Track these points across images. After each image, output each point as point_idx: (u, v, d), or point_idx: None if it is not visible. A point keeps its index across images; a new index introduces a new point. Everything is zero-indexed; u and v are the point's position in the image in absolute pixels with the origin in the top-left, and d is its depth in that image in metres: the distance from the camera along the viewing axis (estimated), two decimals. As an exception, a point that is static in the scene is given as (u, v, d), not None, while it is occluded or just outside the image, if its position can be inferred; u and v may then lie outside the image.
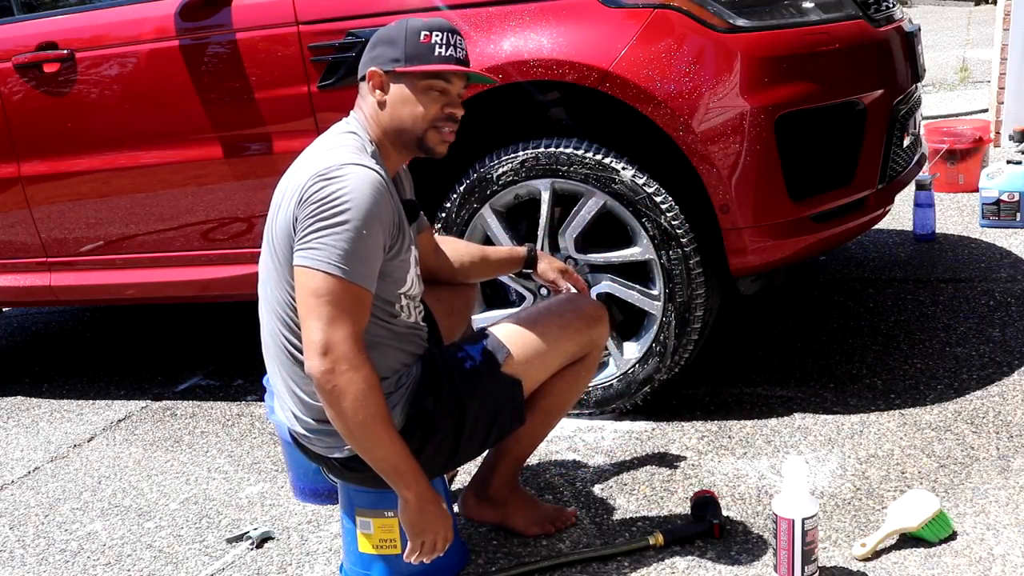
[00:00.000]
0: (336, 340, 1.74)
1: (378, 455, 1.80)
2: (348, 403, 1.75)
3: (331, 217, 1.75)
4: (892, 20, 2.82)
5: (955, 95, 7.39)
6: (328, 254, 1.75)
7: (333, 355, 1.74)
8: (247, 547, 2.32)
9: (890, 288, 3.52)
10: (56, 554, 2.40)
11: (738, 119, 2.41)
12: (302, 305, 1.78)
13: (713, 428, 2.63)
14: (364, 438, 1.78)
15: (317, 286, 1.75)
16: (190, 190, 2.98)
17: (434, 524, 1.85)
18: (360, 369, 1.75)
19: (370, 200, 1.77)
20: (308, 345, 1.76)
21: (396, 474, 1.81)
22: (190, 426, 3.09)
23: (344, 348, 1.74)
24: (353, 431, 1.78)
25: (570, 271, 2.29)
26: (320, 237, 1.76)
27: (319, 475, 2.36)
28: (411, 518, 1.84)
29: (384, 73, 1.89)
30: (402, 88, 1.89)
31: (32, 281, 3.31)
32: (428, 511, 1.84)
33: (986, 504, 2.15)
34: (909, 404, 2.65)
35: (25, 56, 3.05)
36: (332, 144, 1.89)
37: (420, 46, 1.87)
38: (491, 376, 1.97)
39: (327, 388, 1.75)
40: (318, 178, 1.78)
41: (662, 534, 2.10)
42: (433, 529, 1.85)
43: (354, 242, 1.76)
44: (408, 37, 1.88)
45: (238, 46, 2.80)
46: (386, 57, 1.89)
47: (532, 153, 2.59)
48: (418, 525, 1.84)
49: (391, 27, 1.91)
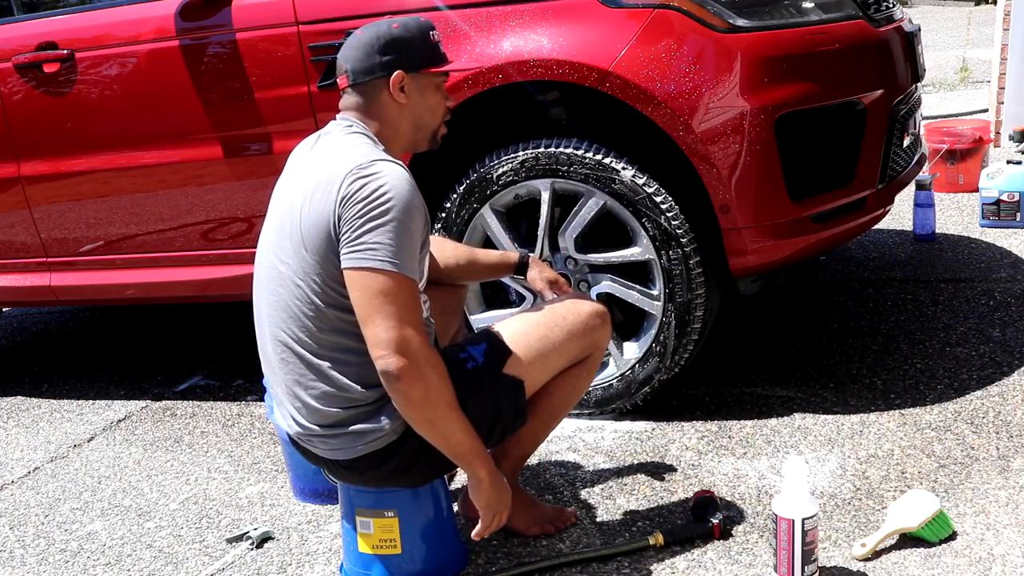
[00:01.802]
0: (408, 336, 1.78)
1: (455, 439, 1.86)
2: (423, 395, 1.80)
3: (381, 215, 1.78)
4: (892, 20, 2.82)
5: (955, 95, 7.39)
6: (384, 252, 1.78)
7: (405, 351, 1.77)
8: (247, 547, 2.32)
9: (890, 288, 3.52)
10: (56, 554, 2.40)
11: (738, 119, 2.41)
12: (364, 305, 1.79)
13: (713, 428, 2.63)
14: (440, 425, 1.84)
15: (379, 285, 1.78)
16: (190, 190, 2.98)
17: (505, 498, 1.95)
18: (432, 361, 1.81)
19: (410, 194, 1.82)
20: (378, 344, 1.78)
21: (471, 454, 1.88)
22: (190, 426, 3.09)
23: (417, 343, 1.79)
24: (433, 421, 1.83)
25: (561, 282, 2.27)
26: (374, 236, 1.78)
27: (319, 475, 2.36)
28: (487, 495, 1.92)
29: (407, 75, 1.94)
30: (422, 89, 1.97)
31: (32, 281, 3.31)
32: (500, 487, 1.93)
33: (986, 504, 2.15)
34: (909, 404, 2.65)
35: (25, 56, 3.05)
36: (352, 143, 1.91)
37: (432, 46, 1.97)
38: (493, 377, 1.97)
39: (401, 384, 1.78)
40: (355, 176, 1.80)
41: (662, 534, 2.10)
42: (505, 503, 1.95)
43: (405, 237, 1.80)
44: (422, 39, 1.96)
45: (238, 46, 2.80)
46: (409, 59, 1.93)
47: (532, 153, 2.59)
48: (493, 501, 1.93)
49: (394, 30, 1.94)
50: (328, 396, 1.88)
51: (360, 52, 1.94)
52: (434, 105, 2.00)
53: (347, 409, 1.89)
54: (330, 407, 1.89)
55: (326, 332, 1.87)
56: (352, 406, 1.88)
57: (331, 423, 1.90)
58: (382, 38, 1.93)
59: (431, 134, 2.03)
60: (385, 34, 1.93)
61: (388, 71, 1.92)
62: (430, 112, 2.00)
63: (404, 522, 2.02)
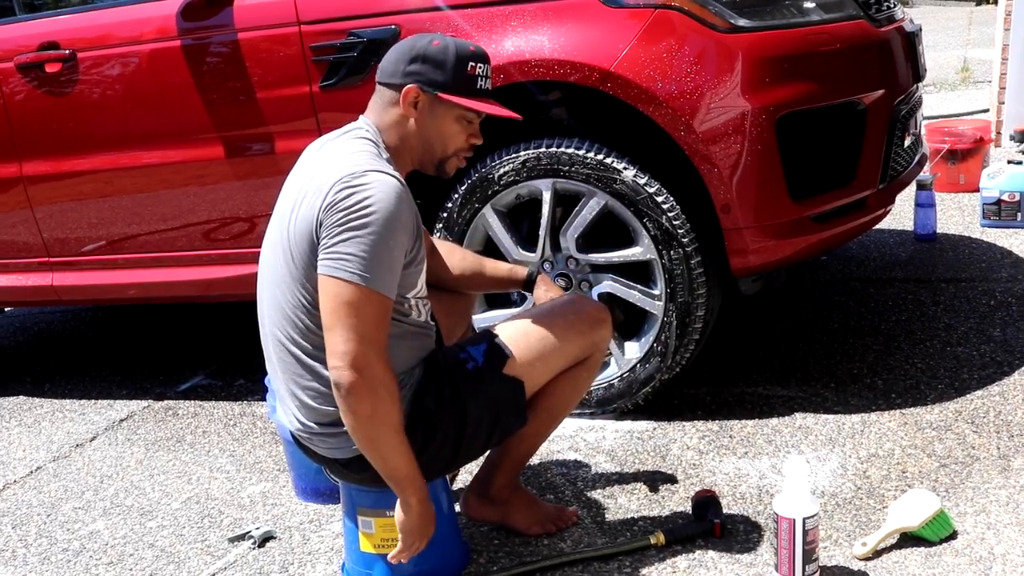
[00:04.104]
0: (363, 352, 1.75)
1: (393, 463, 1.83)
2: (369, 413, 1.77)
3: (360, 227, 1.75)
4: (893, 20, 2.82)
5: (956, 95, 7.39)
6: (356, 264, 1.75)
7: (360, 367, 1.75)
8: (249, 546, 2.32)
9: (891, 288, 3.52)
10: (58, 553, 2.41)
11: (739, 119, 2.42)
12: (329, 314, 1.77)
13: (714, 428, 2.63)
14: (381, 446, 1.82)
15: (346, 296, 1.76)
16: (192, 190, 2.98)
17: (428, 529, 1.90)
18: (385, 382, 1.78)
19: (395, 208, 1.78)
20: (335, 355, 1.76)
21: (405, 481, 1.84)
22: (192, 426, 3.10)
23: (371, 360, 1.76)
24: (372, 439, 1.81)
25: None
26: (348, 246, 1.75)
27: (321, 474, 2.36)
28: (412, 522, 1.87)
29: (423, 93, 1.90)
30: (437, 112, 1.92)
31: (34, 281, 3.31)
32: (427, 516, 1.89)
33: (987, 503, 2.15)
34: (910, 404, 2.65)
35: (27, 56, 3.05)
36: (351, 148, 1.89)
37: (466, 77, 1.91)
38: (493, 377, 1.97)
39: (350, 398, 1.76)
40: (344, 185, 1.78)
41: (663, 533, 2.10)
42: (427, 533, 1.91)
43: (381, 251, 1.76)
44: (456, 64, 1.89)
45: (240, 46, 2.80)
46: (430, 78, 1.89)
47: (533, 153, 2.60)
48: (417, 529, 1.88)
49: (433, 47, 1.90)
50: (324, 395, 1.89)
51: (394, 55, 1.94)
52: (448, 134, 1.94)
53: None
54: (326, 406, 1.89)
55: (317, 333, 1.87)
56: None
57: (328, 421, 1.90)
58: (416, 49, 1.91)
59: (438, 161, 1.98)
60: (422, 47, 1.91)
61: (406, 81, 1.90)
62: (440, 139, 1.94)
63: (406, 521, 2.02)
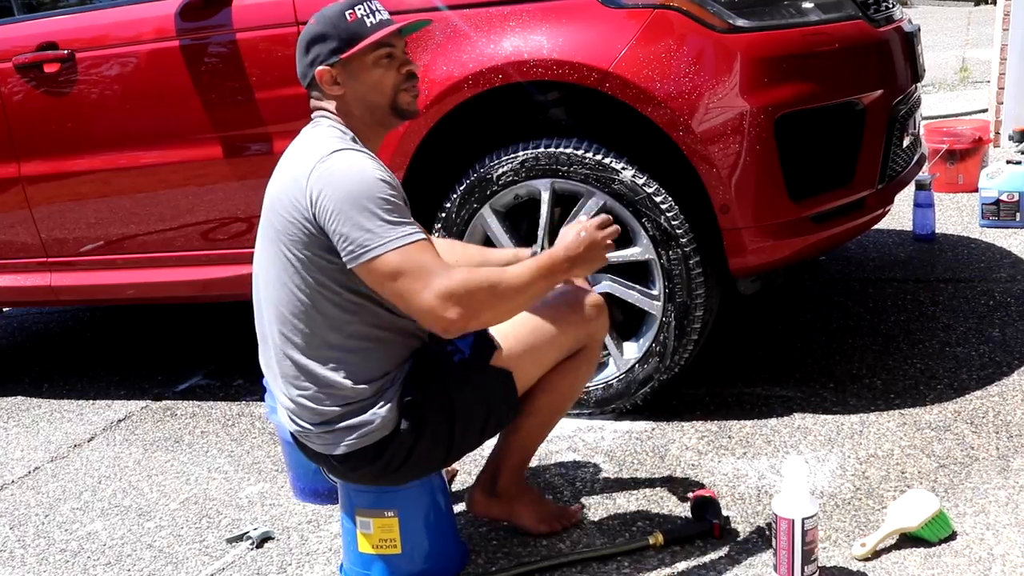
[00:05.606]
0: (439, 293, 1.75)
1: (535, 285, 1.85)
2: (495, 304, 1.80)
3: (351, 206, 1.77)
4: (892, 20, 2.82)
5: (955, 95, 7.39)
6: (371, 238, 1.76)
7: (450, 301, 1.75)
8: (247, 547, 2.32)
9: (890, 288, 3.52)
10: (56, 554, 2.40)
11: (738, 119, 2.42)
12: (388, 293, 1.79)
13: (713, 428, 2.63)
14: (520, 296, 1.84)
15: (386, 268, 1.76)
16: (190, 190, 2.98)
17: (597, 235, 1.94)
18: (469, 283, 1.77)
19: (369, 173, 1.80)
20: (425, 318, 1.78)
21: (546, 270, 1.87)
22: (190, 426, 3.09)
23: (449, 290, 1.75)
24: (512, 303, 1.84)
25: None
26: (354, 228, 1.76)
27: (319, 475, 2.36)
28: (584, 245, 1.91)
29: (331, 68, 1.91)
30: (354, 72, 1.92)
31: (33, 281, 3.31)
32: (583, 240, 1.91)
33: (986, 504, 2.15)
34: (909, 404, 2.65)
35: (25, 56, 3.05)
36: (318, 136, 1.91)
37: (350, 27, 1.90)
38: (480, 370, 1.97)
39: (476, 320, 1.79)
40: (318, 172, 1.80)
41: (662, 534, 2.10)
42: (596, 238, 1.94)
43: (383, 211, 1.78)
44: (335, 24, 1.90)
45: (238, 46, 2.80)
46: (326, 51, 1.91)
47: (532, 153, 2.59)
48: (585, 243, 1.92)
49: (311, 26, 1.93)
50: (320, 394, 1.89)
51: (298, 57, 1.97)
52: (375, 82, 1.92)
53: (339, 406, 1.89)
54: (322, 405, 1.89)
55: (312, 331, 1.87)
56: (344, 403, 1.89)
57: (324, 420, 1.91)
58: (304, 38, 1.94)
59: (389, 108, 1.95)
60: (305, 34, 1.94)
61: (313, 70, 1.93)
62: (373, 90, 1.93)
63: (404, 522, 2.02)
